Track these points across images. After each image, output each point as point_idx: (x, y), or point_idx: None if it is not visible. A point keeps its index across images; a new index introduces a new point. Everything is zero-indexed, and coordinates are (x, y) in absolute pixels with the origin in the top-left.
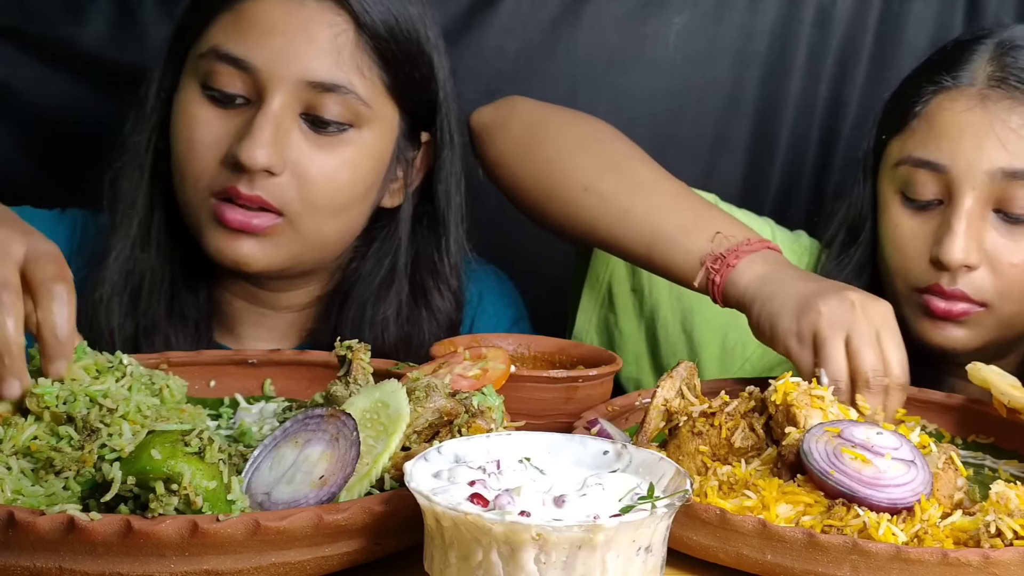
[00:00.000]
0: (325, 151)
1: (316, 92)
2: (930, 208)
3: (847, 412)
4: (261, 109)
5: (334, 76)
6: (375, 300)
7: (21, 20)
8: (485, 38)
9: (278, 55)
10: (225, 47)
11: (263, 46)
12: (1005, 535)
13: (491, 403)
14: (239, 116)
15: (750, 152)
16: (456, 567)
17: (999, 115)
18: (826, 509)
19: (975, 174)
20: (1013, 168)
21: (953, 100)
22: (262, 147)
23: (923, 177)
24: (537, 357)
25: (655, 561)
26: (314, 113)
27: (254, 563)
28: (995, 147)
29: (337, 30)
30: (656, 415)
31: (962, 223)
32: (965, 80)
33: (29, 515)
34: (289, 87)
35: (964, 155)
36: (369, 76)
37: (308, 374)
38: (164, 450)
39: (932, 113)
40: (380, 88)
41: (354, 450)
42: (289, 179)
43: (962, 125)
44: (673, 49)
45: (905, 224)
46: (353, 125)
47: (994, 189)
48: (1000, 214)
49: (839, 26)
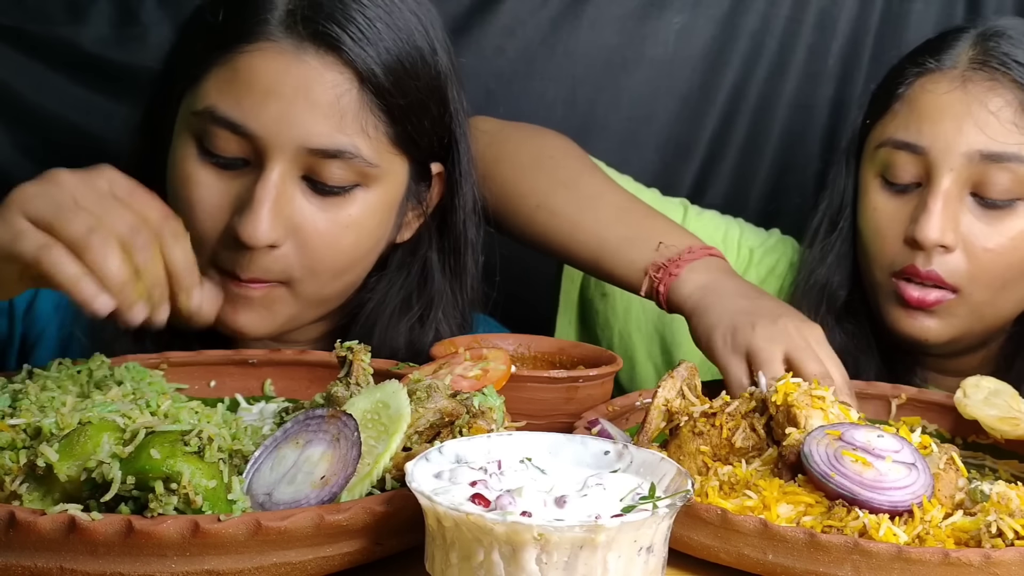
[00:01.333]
0: (328, 213)
1: (318, 157)
2: (908, 191)
3: (847, 413)
4: (260, 180)
5: (337, 142)
6: (386, 331)
7: (21, 20)
8: (485, 38)
9: (277, 121)
10: (221, 110)
11: (261, 111)
12: (1006, 535)
13: (492, 403)
14: (238, 180)
15: (750, 152)
16: (457, 567)
17: (979, 97)
18: (827, 510)
19: (953, 155)
20: (990, 150)
21: (935, 82)
22: (263, 224)
23: (902, 159)
24: (537, 357)
25: (656, 561)
26: (318, 178)
27: (255, 563)
28: (973, 129)
29: (340, 90)
30: (657, 415)
31: (938, 203)
32: (947, 63)
33: (30, 515)
34: (289, 154)
35: (943, 136)
36: (375, 136)
37: (308, 374)
38: (163, 450)
39: (914, 95)
40: (386, 145)
41: (355, 450)
42: (291, 247)
43: (942, 107)
44: (673, 49)
45: (883, 206)
46: (360, 184)
47: (972, 172)
48: (977, 198)
49: (840, 27)
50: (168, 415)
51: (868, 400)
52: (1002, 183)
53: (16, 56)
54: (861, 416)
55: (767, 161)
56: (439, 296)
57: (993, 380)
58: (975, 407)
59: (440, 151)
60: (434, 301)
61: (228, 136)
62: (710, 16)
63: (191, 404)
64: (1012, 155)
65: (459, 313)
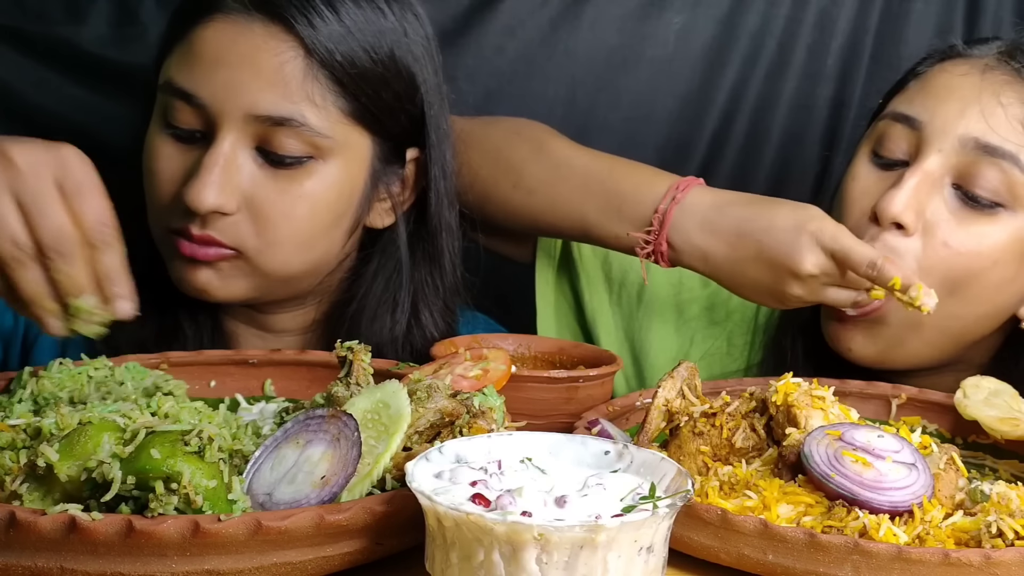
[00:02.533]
0: (283, 184)
1: (266, 126)
2: (893, 169)
3: (848, 413)
4: (210, 148)
5: (281, 109)
6: (372, 320)
7: (21, 20)
8: (485, 38)
9: (224, 89)
10: (176, 80)
11: (210, 79)
12: (1006, 535)
13: (492, 403)
14: (194, 151)
15: (750, 152)
16: (457, 567)
17: (993, 86)
18: (827, 510)
19: (947, 136)
20: (986, 141)
21: (956, 64)
22: (208, 189)
23: (897, 131)
24: (538, 357)
25: (656, 561)
26: (269, 148)
27: (256, 563)
28: (977, 115)
29: (284, 58)
30: (657, 415)
31: (914, 179)
32: (976, 52)
33: (30, 515)
34: (238, 122)
35: (943, 114)
36: (323, 105)
37: (308, 374)
38: (163, 449)
39: (932, 74)
40: (338, 116)
41: (355, 450)
42: (243, 217)
43: (953, 87)
44: (673, 49)
45: (863, 177)
46: (315, 156)
47: (961, 159)
48: (959, 191)
49: (839, 27)
50: (168, 415)
51: (868, 400)
52: (989, 181)
53: (16, 56)
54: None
55: (767, 161)
56: (419, 283)
57: (993, 380)
58: (975, 407)
59: (413, 134)
60: (414, 288)
61: (184, 107)
62: (710, 16)
63: (194, 404)
64: (1008, 153)
65: (440, 300)
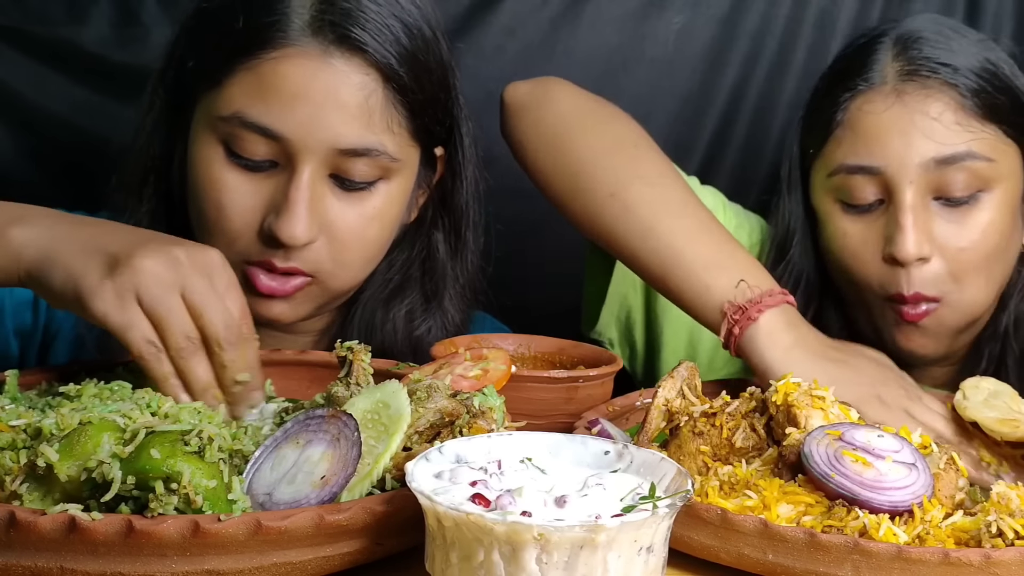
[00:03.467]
0: (354, 207)
1: (346, 157)
2: (872, 210)
3: (848, 413)
4: (293, 181)
5: (366, 141)
6: (385, 305)
7: (21, 20)
8: (485, 38)
9: (307, 124)
10: (250, 115)
11: (290, 115)
12: (1006, 535)
13: (492, 403)
14: (269, 181)
15: (750, 152)
16: (457, 567)
17: (917, 107)
18: (827, 510)
19: (909, 169)
20: (943, 155)
21: (871, 102)
22: (301, 224)
23: (859, 182)
24: (538, 357)
25: (656, 561)
26: (345, 176)
27: (255, 563)
28: (921, 139)
29: (367, 91)
30: (657, 415)
31: (908, 218)
32: (877, 80)
33: (30, 515)
34: (320, 155)
35: (895, 153)
36: (399, 132)
37: (308, 374)
38: (163, 449)
39: (854, 119)
40: (407, 139)
41: (355, 450)
42: (322, 243)
43: (885, 125)
44: (673, 49)
45: (851, 230)
46: (382, 178)
47: (930, 179)
48: (941, 201)
49: (840, 27)
50: (168, 415)
51: None
52: (960, 182)
53: (16, 56)
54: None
55: (767, 161)
56: (442, 273)
57: (992, 381)
58: (975, 409)
59: (444, 136)
60: (438, 277)
61: (257, 139)
62: (710, 16)
63: (194, 404)
64: (963, 154)
65: (460, 287)
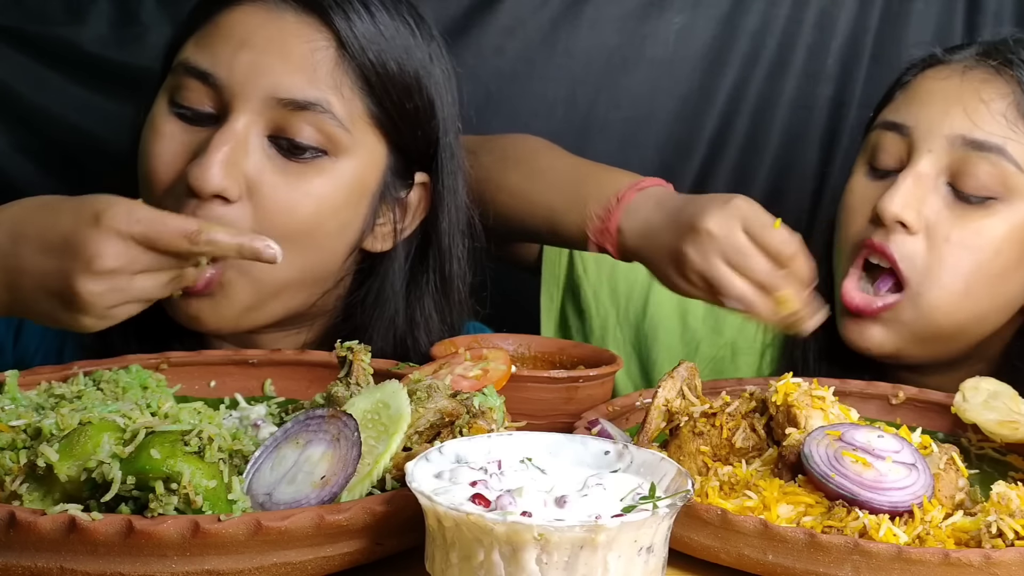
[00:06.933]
0: (291, 178)
1: (287, 111)
2: (889, 177)
3: (848, 413)
4: (220, 128)
5: (307, 93)
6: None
7: (21, 20)
8: (485, 38)
9: (246, 69)
10: (193, 60)
11: (232, 60)
12: (1006, 535)
13: (492, 403)
14: (203, 132)
15: (750, 152)
16: (457, 567)
17: (973, 85)
18: (827, 510)
19: (935, 137)
20: (972, 137)
21: (937, 70)
22: (214, 168)
23: (888, 140)
24: (538, 357)
25: (656, 561)
26: (284, 135)
27: (255, 563)
28: (960, 114)
29: (315, 45)
30: (657, 415)
31: (908, 179)
32: (956, 57)
33: (30, 515)
34: (256, 104)
35: (928, 117)
36: (349, 98)
37: (308, 374)
38: (163, 450)
39: (916, 83)
40: (361, 113)
41: (355, 450)
42: (244, 208)
43: (935, 90)
44: (673, 49)
45: (859, 189)
46: (328, 152)
47: (952, 157)
48: (953, 189)
49: (839, 27)
50: (168, 415)
51: (868, 400)
52: (981, 175)
53: (16, 56)
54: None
55: (767, 161)
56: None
57: (992, 381)
58: (974, 411)
59: (426, 159)
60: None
61: (197, 86)
62: (710, 16)
63: (194, 404)
64: (995, 146)
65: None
